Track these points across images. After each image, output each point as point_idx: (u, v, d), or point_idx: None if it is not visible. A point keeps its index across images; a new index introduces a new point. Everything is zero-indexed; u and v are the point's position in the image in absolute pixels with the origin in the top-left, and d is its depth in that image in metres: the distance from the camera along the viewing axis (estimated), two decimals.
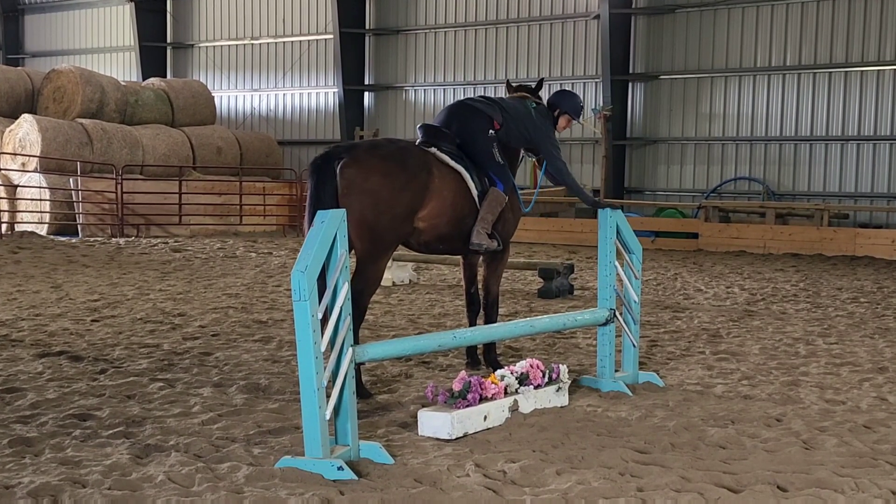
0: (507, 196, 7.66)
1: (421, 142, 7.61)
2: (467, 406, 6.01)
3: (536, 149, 8.01)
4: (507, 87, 8.43)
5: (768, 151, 24.78)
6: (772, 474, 5.16)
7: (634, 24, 26.13)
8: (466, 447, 5.70)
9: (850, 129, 23.74)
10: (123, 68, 34.07)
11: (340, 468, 5.09)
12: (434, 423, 5.92)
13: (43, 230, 21.77)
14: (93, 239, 20.79)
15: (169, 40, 33.88)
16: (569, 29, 26.93)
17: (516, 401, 6.40)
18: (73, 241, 20.14)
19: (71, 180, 22.24)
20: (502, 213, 7.67)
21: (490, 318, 8.00)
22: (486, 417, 6.11)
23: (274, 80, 31.90)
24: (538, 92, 8.38)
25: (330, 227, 5.33)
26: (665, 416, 6.51)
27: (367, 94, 30.50)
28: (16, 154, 22.98)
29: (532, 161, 8.97)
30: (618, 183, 26.00)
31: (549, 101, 8.17)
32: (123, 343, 9.09)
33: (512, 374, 6.50)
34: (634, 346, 7.53)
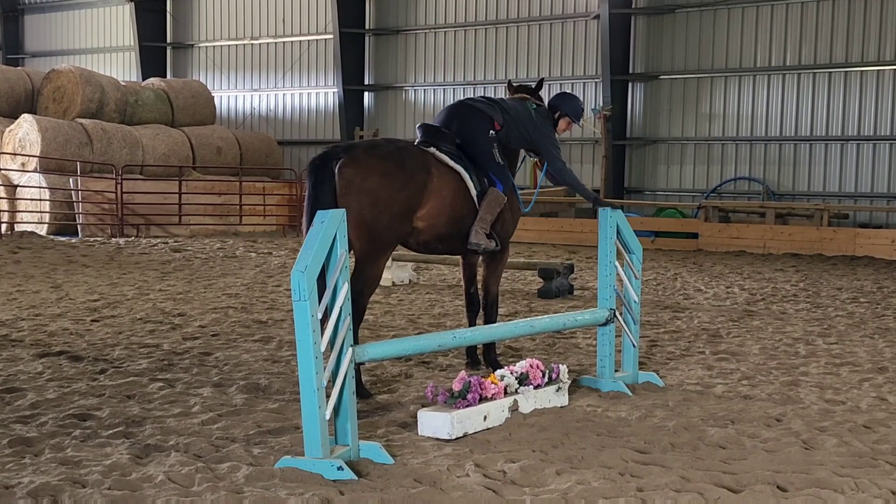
0: (506, 196, 7.66)
1: (420, 141, 7.60)
2: (467, 406, 6.01)
3: (537, 149, 8.01)
4: (508, 87, 8.44)
5: (768, 151, 24.78)
6: (772, 474, 5.16)
7: (634, 24, 26.13)
8: (466, 447, 5.70)
9: (850, 129, 23.74)
10: (123, 68, 34.08)
11: (340, 468, 5.09)
12: (434, 423, 5.92)
13: (43, 230, 21.77)
14: (93, 239, 20.79)
15: (169, 40, 33.88)
16: (569, 29, 26.94)
17: (516, 401, 6.40)
18: (73, 241, 20.14)
19: (71, 180, 22.23)
20: (501, 213, 7.67)
21: (490, 318, 8.01)
22: (485, 417, 6.11)
23: (274, 80, 31.89)
24: (538, 92, 8.39)
25: (330, 226, 5.33)
26: (665, 416, 6.50)
27: (366, 94, 30.50)
28: (16, 154, 22.97)
29: (532, 161, 8.97)
30: (618, 183, 26.00)
31: (550, 103, 8.18)
32: (123, 343, 9.09)
33: (512, 374, 6.50)
34: (634, 346, 7.53)
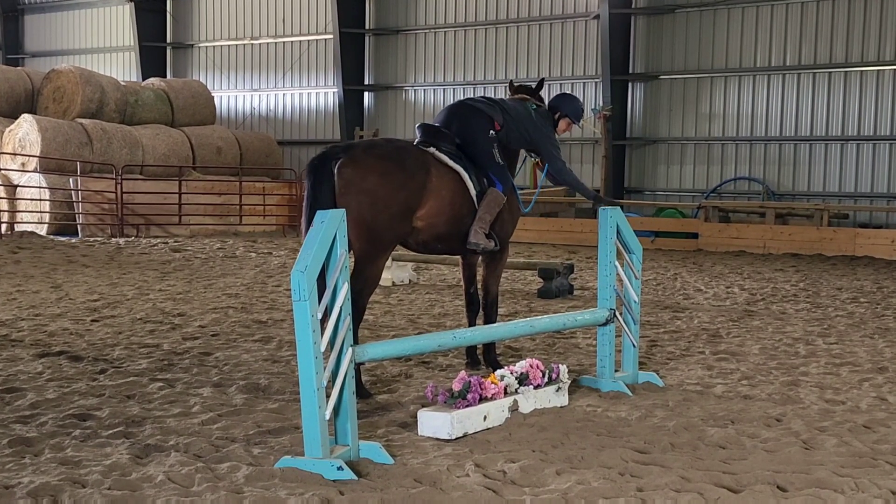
0: (505, 197, 7.66)
1: (419, 141, 7.60)
2: (467, 406, 6.01)
3: (537, 150, 8.02)
4: (510, 87, 8.45)
5: (768, 151, 24.77)
6: (772, 474, 5.16)
7: (634, 24, 26.13)
8: (466, 447, 5.70)
9: (850, 129, 23.74)
10: (123, 68, 34.08)
11: (340, 468, 5.09)
12: (434, 423, 5.92)
13: (43, 230, 21.76)
14: (92, 239, 20.79)
15: (169, 40, 33.88)
16: (569, 29, 26.93)
17: (516, 401, 6.40)
18: (73, 241, 20.14)
19: (71, 180, 22.23)
20: (500, 213, 7.67)
21: (489, 318, 8.01)
22: (485, 417, 6.11)
23: (274, 80, 31.89)
24: (539, 91, 8.40)
25: (330, 226, 5.32)
26: (665, 416, 6.50)
27: (366, 94, 30.50)
28: (16, 154, 22.97)
29: (532, 162, 8.97)
30: (618, 183, 26.00)
31: (550, 104, 8.19)
32: (123, 343, 9.09)
33: (512, 374, 6.50)
34: (634, 346, 7.53)
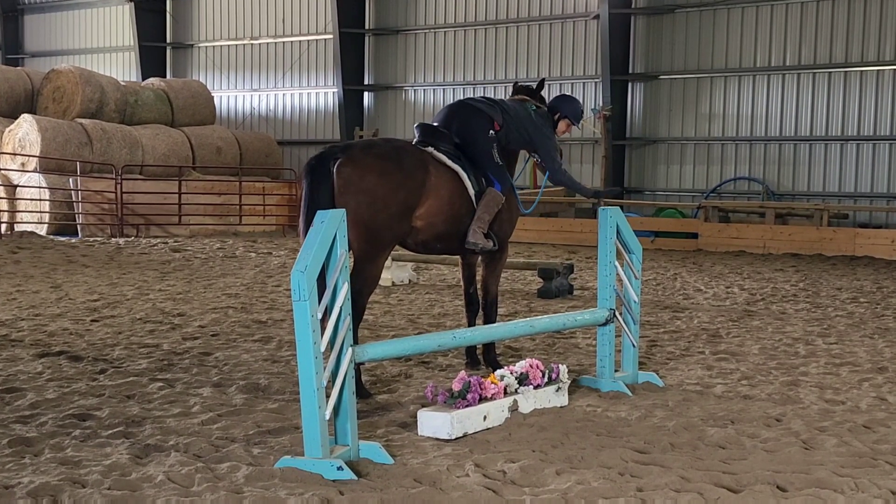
0: (504, 197, 7.66)
1: (418, 141, 7.61)
2: (467, 406, 6.01)
3: (536, 151, 8.02)
4: (513, 88, 8.46)
5: (768, 151, 24.77)
6: (771, 474, 5.16)
7: (634, 25, 26.12)
8: (466, 447, 5.70)
9: (850, 129, 23.74)
10: (123, 68, 34.07)
11: (340, 468, 5.09)
12: (434, 423, 5.92)
13: (42, 230, 21.76)
14: (92, 239, 20.78)
15: (168, 40, 33.87)
16: (569, 29, 26.93)
17: (516, 401, 6.40)
18: (73, 241, 20.14)
19: (70, 180, 22.23)
20: (499, 213, 7.67)
21: (489, 318, 8.01)
22: (485, 417, 6.11)
23: (274, 80, 31.89)
24: (540, 91, 8.40)
25: (329, 226, 5.32)
26: (665, 416, 6.51)
27: (366, 94, 30.50)
28: (15, 154, 22.97)
29: (533, 162, 8.96)
30: (617, 183, 25.98)
31: (550, 105, 8.20)
32: (123, 343, 9.09)
33: (511, 374, 6.50)
34: (634, 346, 7.53)
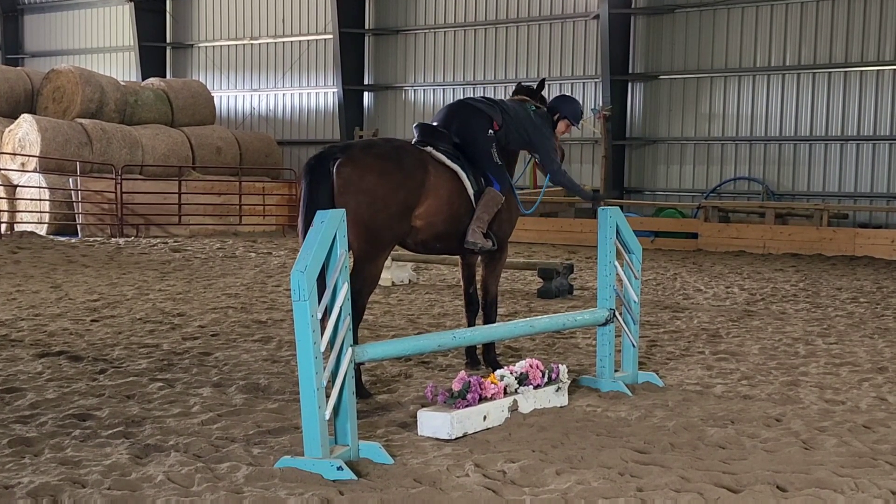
0: (503, 196, 7.66)
1: (417, 141, 7.62)
2: (467, 406, 6.01)
3: (535, 151, 8.03)
4: (514, 88, 8.48)
5: (768, 151, 24.77)
6: (771, 474, 5.16)
7: (634, 24, 26.12)
8: (466, 447, 5.70)
9: (850, 129, 23.74)
10: (123, 68, 34.07)
11: (340, 468, 5.09)
12: (434, 423, 5.92)
13: (42, 230, 21.76)
14: (92, 239, 20.78)
15: (168, 40, 33.87)
16: (568, 29, 26.93)
17: (516, 401, 6.40)
18: (73, 241, 20.14)
19: (70, 180, 22.23)
20: (498, 213, 7.68)
21: (489, 318, 8.02)
22: (485, 417, 6.11)
23: (273, 80, 31.88)
24: (541, 92, 8.41)
25: (329, 226, 5.32)
26: (664, 416, 6.51)
27: (366, 94, 30.49)
28: (15, 154, 22.97)
29: (533, 162, 8.97)
30: (617, 183, 26.00)
31: (549, 106, 8.21)
32: (123, 343, 9.09)
33: (511, 374, 6.50)
34: (634, 346, 7.53)
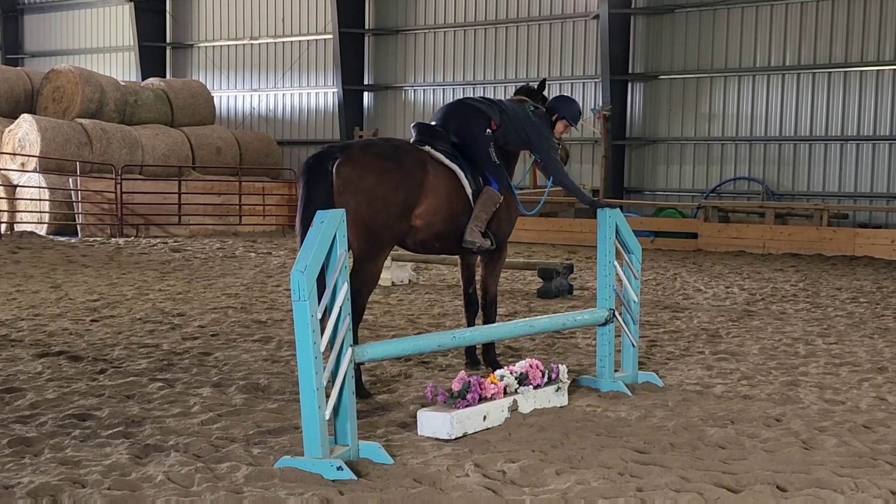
0: (501, 196, 7.66)
1: (415, 140, 7.63)
2: (467, 406, 6.01)
3: (534, 151, 8.03)
4: (515, 90, 8.47)
5: (768, 151, 24.77)
6: (771, 474, 5.16)
7: (634, 24, 26.12)
8: (466, 447, 5.70)
9: (850, 129, 23.74)
10: (123, 68, 34.07)
11: (340, 468, 5.09)
12: (433, 423, 5.92)
13: (42, 230, 21.75)
14: (92, 239, 20.78)
15: (168, 40, 33.87)
16: (568, 29, 26.93)
17: (516, 401, 6.40)
18: (73, 241, 20.14)
19: (70, 180, 22.23)
20: (497, 212, 7.68)
21: (489, 318, 8.02)
22: (485, 417, 6.11)
23: (273, 80, 31.88)
24: (542, 92, 8.40)
25: (329, 226, 5.32)
26: (664, 416, 6.51)
27: (366, 94, 30.49)
28: (15, 154, 22.97)
29: (534, 163, 8.97)
30: (617, 183, 26.00)
31: (548, 106, 8.20)
32: (123, 343, 9.09)
33: (511, 374, 6.50)
34: (634, 346, 7.53)
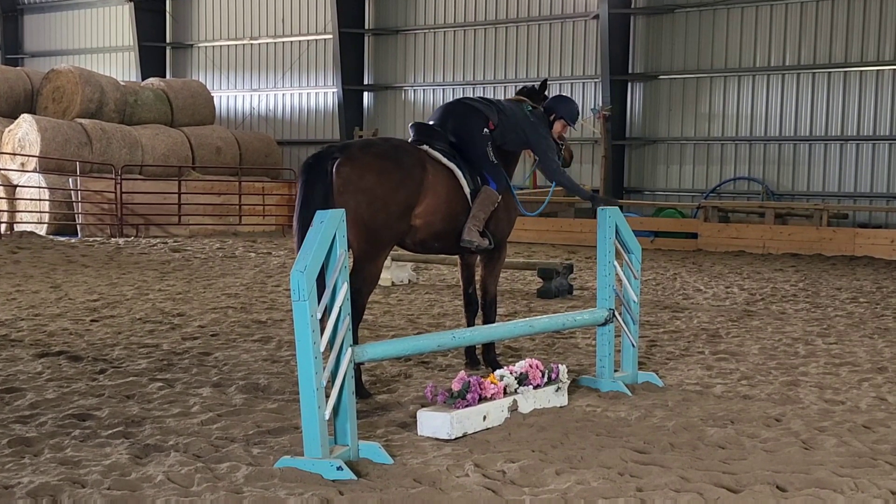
0: (499, 195, 7.66)
1: (413, 140, 7.64)
2: (466, 406, 6.01)
3: (533, 150, 8.03)
4: (516, 91, 8.47)
5: (768, 151, 24.77)
6: (771, 474, 5.16)
7: (634, 24, 26.12)
8: (466, 447, 5.70)
9: (850, 129, 23.74)
10: (123, 68, 34.06)
11: (340, 468, 5.09)
12: (433, 423, 5.92)
13: (42, 230, 21.75)
14: (92, 239, 20.78)
15: (168, 40, 33.87)
16: (568, 29, 26.93)
17: (515, 401, 6.40)
18: (73, 241, 20.13)
19: (70, 180, 22.22)
20: (496, 212, 7.68)
21: (488, 318, 8.02)
22: (485, 417, 6.11)
23: (273, 80, 31.88)
24: (543, 92, 8.40)
25: (329, 226, 5.33)
26: (664, 416, 6.51)
27: (366, 94, 30.49)
28: (15, 154, 22.96)
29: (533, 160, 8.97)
30: (617, 183, 25.99)
31: (546, 106, 8.20)
32: (123, 343, 9.09)
33: (511, 374, 6.50)
34: (633, 346, 7.53)
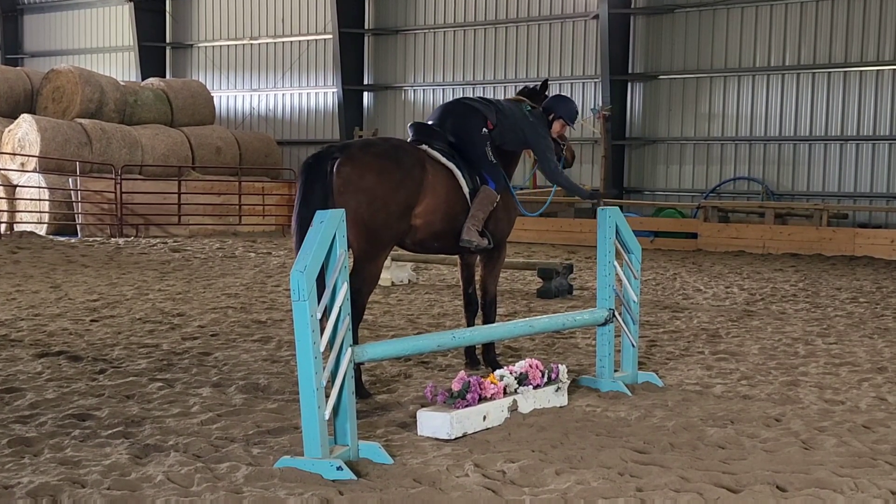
0: (498, 195, 7.66)
1: (412, 139, 7.64)
2: (466, 406, 6.01)
3: (532, 150, 8.03)
4: (517, 92, 8.47)
5: (767, 151, 24.78)
6: (771, 474, 5.16)
7: (633, 24, 26.12)
8: (465, 447, 5.70)
9: (850, 129, 23.74)
10: (122, 68, 34.07)
11: (339, 468, 5.09)
12: (433, 423, 5.92)
13: (42, 230, 21.75)
14: (92, 239, 20.78)
15: (168, 40, 33.87)
16: (568, 29, 26.94)
17: (515, 401, 6.40)
18: (73, 241, 20.13)
19: (70, 180, 22.22)
20: (495, 212, 7.68)
21: (488, 318, 8.02)
22: (485, 417, 6.11)
23: (273, 80, 31.88)
24: (543, 92, 8.40)
25: (329, 226, 5.32)
26: (664, 416, 6.51)
27: (366, 94, 30.49)
28: (15, 154, 22.96)
29: (533, 160, 8.97)
30: (617, 183, 26.00)
31: (545, 106, 8.20)
32: (122, 343, 9.09)
33: (511, 374, 6.50)
34: (633, 346, 7.53)
